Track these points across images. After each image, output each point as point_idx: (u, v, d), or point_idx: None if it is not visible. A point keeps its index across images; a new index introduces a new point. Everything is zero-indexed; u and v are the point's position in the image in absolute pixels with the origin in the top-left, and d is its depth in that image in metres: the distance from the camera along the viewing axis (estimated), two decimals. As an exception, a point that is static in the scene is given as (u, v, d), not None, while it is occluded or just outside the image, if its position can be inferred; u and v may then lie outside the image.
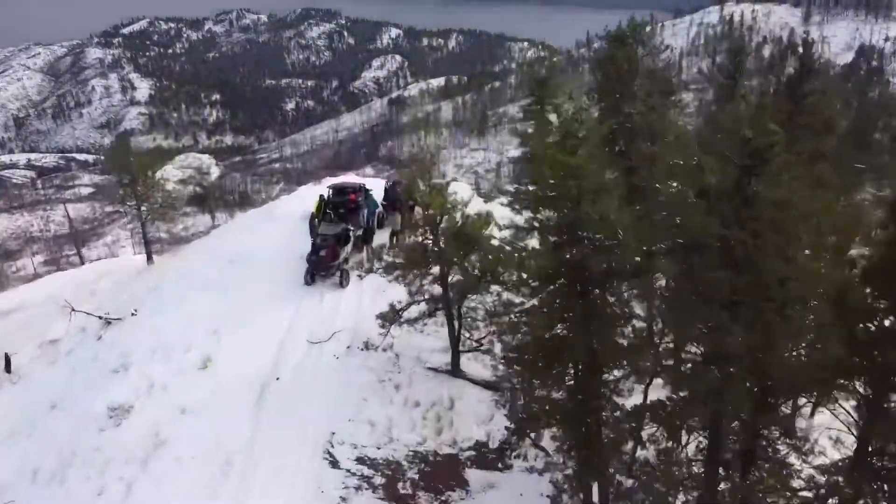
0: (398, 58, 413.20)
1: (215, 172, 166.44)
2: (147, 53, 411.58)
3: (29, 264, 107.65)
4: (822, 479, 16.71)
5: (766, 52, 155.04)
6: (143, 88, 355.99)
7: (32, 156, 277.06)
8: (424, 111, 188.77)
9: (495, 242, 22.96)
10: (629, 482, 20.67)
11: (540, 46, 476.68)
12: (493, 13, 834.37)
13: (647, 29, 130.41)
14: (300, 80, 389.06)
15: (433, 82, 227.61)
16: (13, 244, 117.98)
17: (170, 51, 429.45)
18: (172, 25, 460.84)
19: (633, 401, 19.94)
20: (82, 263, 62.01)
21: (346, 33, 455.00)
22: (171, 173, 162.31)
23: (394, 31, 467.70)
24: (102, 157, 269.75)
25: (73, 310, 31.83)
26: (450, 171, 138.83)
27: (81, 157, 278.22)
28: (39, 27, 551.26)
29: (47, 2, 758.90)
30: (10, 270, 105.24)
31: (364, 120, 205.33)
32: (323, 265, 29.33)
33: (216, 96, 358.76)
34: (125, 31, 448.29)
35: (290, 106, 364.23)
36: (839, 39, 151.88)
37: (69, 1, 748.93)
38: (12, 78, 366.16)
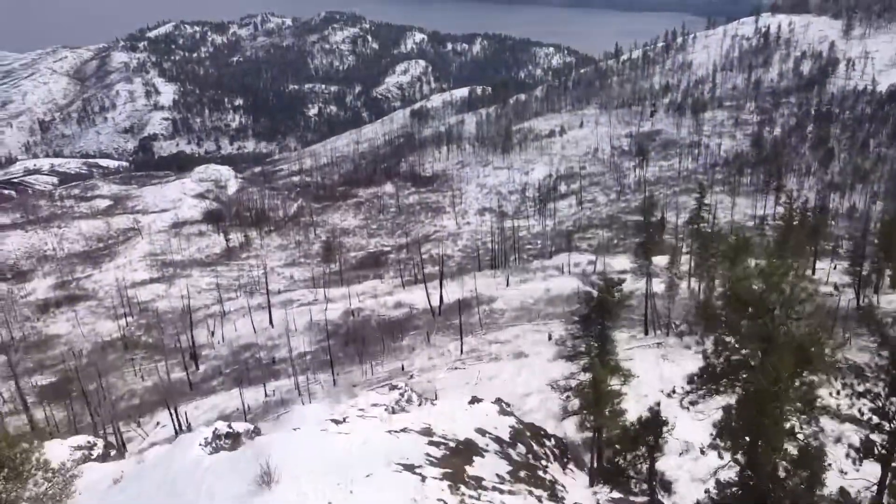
0: (422, 63, 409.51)
1: (233, 186, 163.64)
2: (172, 57, 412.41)
3: (40, 287, 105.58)
4: None
5: (805, 67, 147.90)
6: (167, 93, 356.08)
7: (56, 161, 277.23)
8: (447, 123, 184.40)
9: None
10: None
11: (565, 52, 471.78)
12: (518, 15, 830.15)
13: (679, 41, 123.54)
14: (323, 86, 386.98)
15: (456, 93, 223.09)
16: (26, 263, 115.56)
17: (194, 55, 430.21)
18: (197, 29, 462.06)
19: None
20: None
21: (369, 38, 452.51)
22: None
23: (418, 36, 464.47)
24: (125, 164, 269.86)
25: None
26: (472, 190, 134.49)
27: (104, 162, 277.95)
28: (68, 29, 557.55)
29: (77, 5, 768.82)
30: (20, 294, 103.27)
31: (385, 131, 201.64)
32: None
33: (239, 101, 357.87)
34: (151, 34, 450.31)
35: (313, 111, 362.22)
36: (883, 55, 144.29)
37: (99, 4, 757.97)
38: (39, 82, 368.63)
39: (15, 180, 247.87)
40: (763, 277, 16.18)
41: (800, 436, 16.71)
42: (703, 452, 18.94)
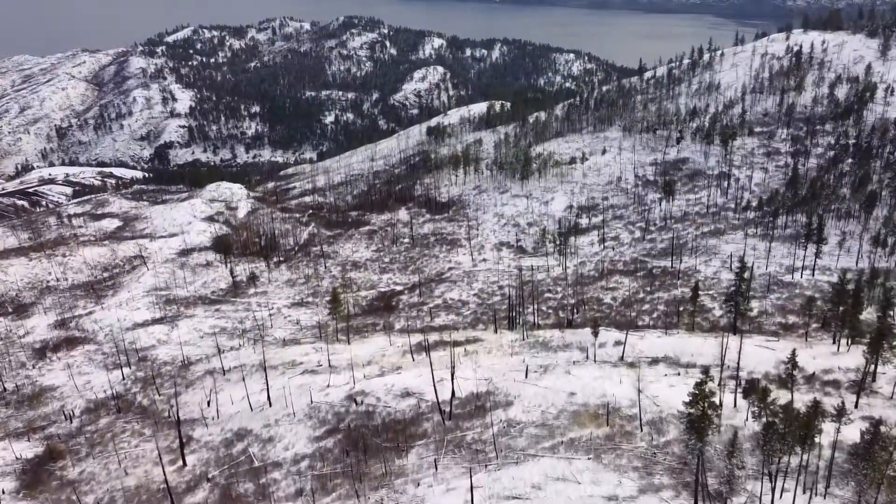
0: (440, 69, 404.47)
1: (244, 208, 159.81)
2: (189, 63, 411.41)
3: (39, 326, 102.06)
4: None
5: (840, 92, 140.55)
6: (184, 100, 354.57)
7: (71, 170, 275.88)
8: (464, 141, 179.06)
9: None
10: None
11: (586, 58, 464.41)
12: (538, 17, 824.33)
13: (706, 57, 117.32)
14: (340, 92, 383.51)
15: (474, 108, 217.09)
16: (28, 295, 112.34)
17: (212, 59, 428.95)
18: (216, 34, 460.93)
19: None
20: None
21: (388, 43, 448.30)
22: (199, 208, 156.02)
23: (437, 41, 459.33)
24: (139, 175, 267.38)
25: None
26: (489, 220, 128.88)
27: (119, 171, 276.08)
28: (89, 33, 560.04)
29: (98, 8, 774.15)
30: (19, 333, 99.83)
31: (401, 147, 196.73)
32: None
33: (256, 108, 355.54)
34: (169, 38, 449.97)
35: (329, 119, 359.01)
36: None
37: (122, 8, 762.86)
38: (57, 87, 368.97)
39: (30, 190, 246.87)
40: None
41: None
42: None
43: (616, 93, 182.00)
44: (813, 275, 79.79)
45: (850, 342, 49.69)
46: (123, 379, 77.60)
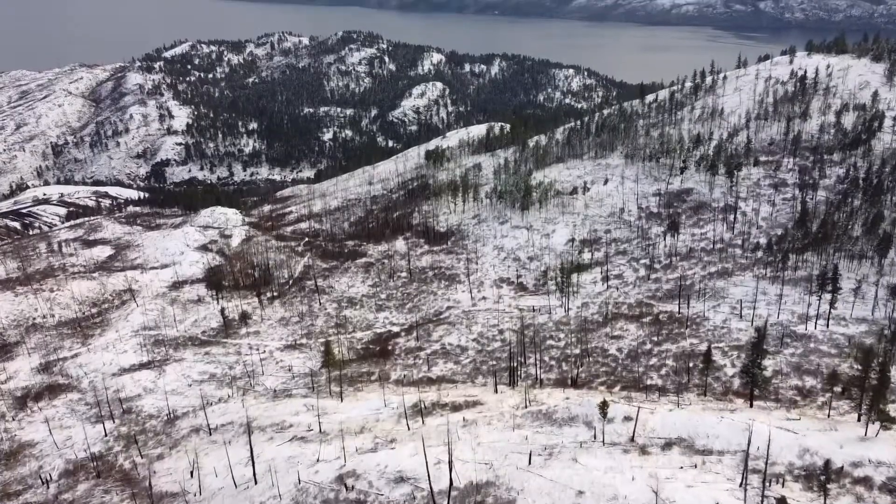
0: (439, 85, 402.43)
1: (238, 236, 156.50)
2: (187, 78, 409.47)
3: (22, 370, 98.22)
4: None
5: (847, 120, 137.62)
6: (182, 117, 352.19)
7: (66, 189, 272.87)
8: (463, 165, 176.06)
9: None
10: None
11: (585, 73, 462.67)
12: (537, 30, 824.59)
13: (708, 81, 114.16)
14: (338, 109, 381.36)
15: (473, 131, 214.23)
16: (13, 333, 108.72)
17: (210, 75, 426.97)
18: (214, 49, 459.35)
19: None
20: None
21: (387, 58, 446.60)
22: (192, 236, 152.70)
23: (435, 56, 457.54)
24: (133, 196, 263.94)
25: None
26: (489, 253, 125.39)
27: (114, 191, 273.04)
28: (87, 48, 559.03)
29: (98, 23, 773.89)
30: (1, 379, 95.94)
31: (400, 171, 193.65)
32: None
33: (253, 125, 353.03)
34: (167, 54, 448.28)
35: (328, 136, 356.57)
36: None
37: (119, 23, 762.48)
38: (54, 104, 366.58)
39: (23, 211, 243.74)
40: None
41: None
42: None
43: (617, 117, 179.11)
44: (828, 326, 76.36)
45: (880, 425, 46.18)
46: (106, 435, 74.01)
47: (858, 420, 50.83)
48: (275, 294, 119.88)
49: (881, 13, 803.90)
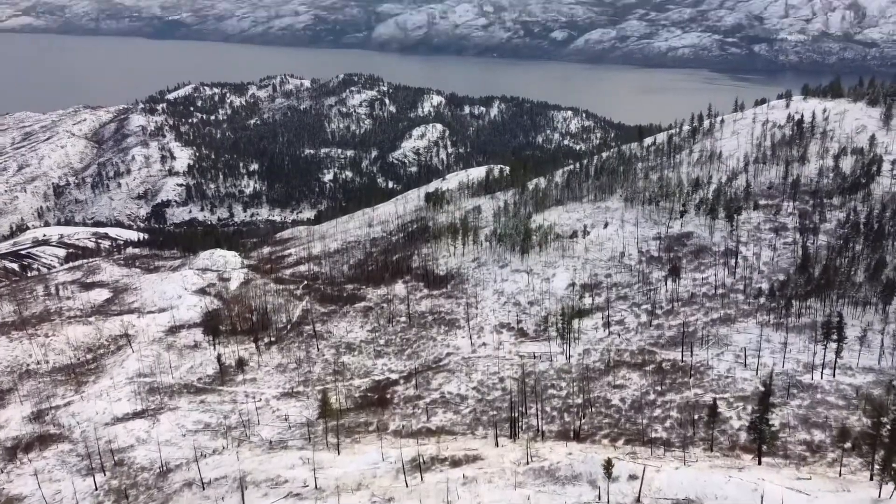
0: (438, 127, 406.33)
1: (237, 279, 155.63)
2: (190, 120, 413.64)
3: (13, 418, 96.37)
4: None
5: (845, 164, 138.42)
6: (183, 158, 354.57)
7: (66, 230, 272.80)
8: (463, 208, 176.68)
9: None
10: None
11: (584, 115, 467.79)
12: (536, 73, 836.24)
13: (706, 124, 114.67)
14: (339, 150, 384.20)
15: (472, 173, 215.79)
16: (6, 380, 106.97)
17: (212, 117, 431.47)
18: (217, 91, 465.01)
19: None
20: None
21: (387, 100, 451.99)
22: (190, 279, 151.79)
23: (435, 98, 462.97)
24: (133, 237, 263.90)
25: None
26: (489, 297, 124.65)
27: (114, 232, 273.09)
28: (92, 91, 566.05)
29: (103, 66, 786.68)
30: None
31: (399, 213, 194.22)
32: None
33: (254, 166, 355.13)
34: (170, 96, 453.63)
35: (328, 177, 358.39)
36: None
37: (125, 66, 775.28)
38: (56, 145, 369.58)
39: (22, 252, 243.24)
40: None
41: None
42: None
43: (616, 160, 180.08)
44: (834, 375, 75.06)
45: (894, 486, 44.67)
46: (96, 489, 72.19)
47: (871, 479, 49.31)
48: (272, 339, 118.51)
49: (874, 56, 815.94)
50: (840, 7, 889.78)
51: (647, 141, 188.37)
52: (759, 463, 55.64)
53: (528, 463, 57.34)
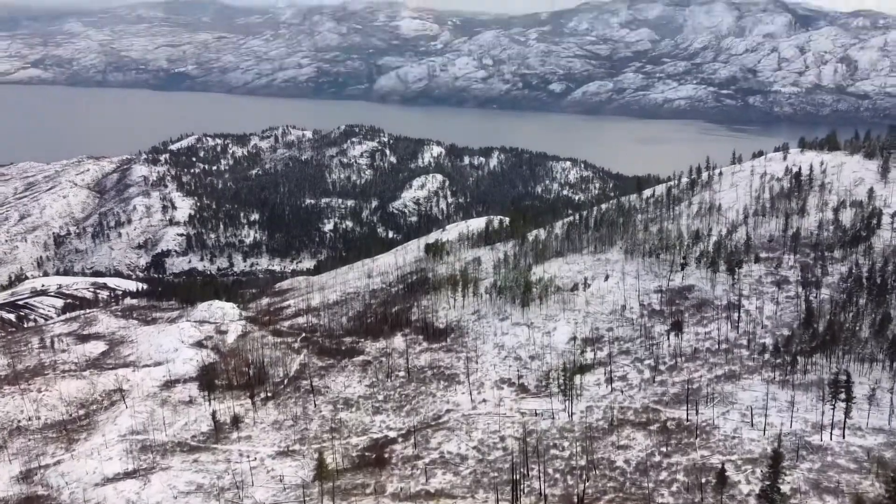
0: (439, 177, 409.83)
1: (234, 332, 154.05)
2: (192, 170, 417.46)
3: (2, 477, 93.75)
4: None
5: (845, 217, 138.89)
6: (184, 208, 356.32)
7: (64, 281, 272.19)
8: (462, 259, 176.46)
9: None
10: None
11: (582, 165, 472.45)
12: (534, 124, 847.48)
13: (704, 176, 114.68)
14: (340, 200, 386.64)
15: (472, 224, 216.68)
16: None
17: (214, 167, 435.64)
18: (219, 141, 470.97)
19: None
20: None
21: (388, 151, 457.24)
22: (188, 332, 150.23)
23: (436, 149, 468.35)
24: (132, 288, 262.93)
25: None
26: (489, 352, 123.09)
27: (112, 282, 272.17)
28: (96, 141, 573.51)
29: (108, 117, 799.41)
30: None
31: (399, 264, 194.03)
32: None
33: (255, 216, 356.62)
34: (174, 146, 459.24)
35: (329, 227, 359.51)
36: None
37: (129, 117, 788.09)
38: (58, 195, 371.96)
39: (20, 302, 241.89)
40: None
41: None
42: None
43: (615, 212, 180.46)
44: (843, 436, 73.19)
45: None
46: (83, 558, 69.50)
47: (888, 552, 47.29)
48: (269, 394, 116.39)
49: (867, 107, 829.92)
50: (832, 60, 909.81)
51: (646, 193, 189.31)
52: (771, 533, 53.61)
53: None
